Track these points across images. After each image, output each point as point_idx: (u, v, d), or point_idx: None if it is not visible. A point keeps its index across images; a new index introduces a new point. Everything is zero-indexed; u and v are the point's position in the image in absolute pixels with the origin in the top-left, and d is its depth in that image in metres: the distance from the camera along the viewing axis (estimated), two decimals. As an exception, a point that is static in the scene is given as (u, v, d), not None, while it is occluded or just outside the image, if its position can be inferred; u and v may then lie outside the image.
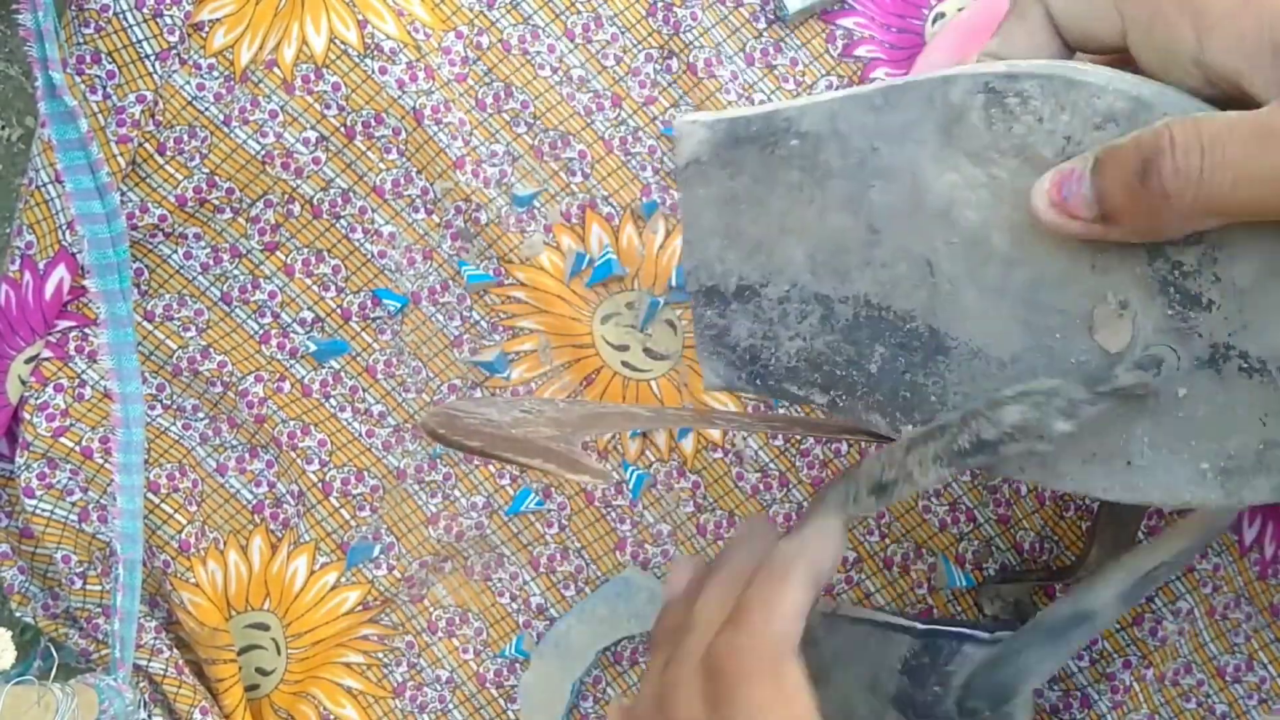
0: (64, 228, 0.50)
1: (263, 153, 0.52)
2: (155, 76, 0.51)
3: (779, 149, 0.33)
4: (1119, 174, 0.26)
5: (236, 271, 0.54)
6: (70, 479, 0.52)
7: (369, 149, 0.53)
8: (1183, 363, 0.29)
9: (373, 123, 0.52)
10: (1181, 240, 0.27)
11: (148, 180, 0.52)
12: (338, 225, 0.54)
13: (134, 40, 0.50)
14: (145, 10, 0.50)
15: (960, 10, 0.51)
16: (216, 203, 0.53)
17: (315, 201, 0.53)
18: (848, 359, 0.34)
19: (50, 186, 0.50)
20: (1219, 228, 0.26)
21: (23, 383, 0.52)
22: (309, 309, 0.55)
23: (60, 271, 0.51)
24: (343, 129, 0.52)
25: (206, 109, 0.51)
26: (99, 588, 0.53)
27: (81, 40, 0.50)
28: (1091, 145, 0.28)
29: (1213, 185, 0.24)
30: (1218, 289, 0.28)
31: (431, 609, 0.56)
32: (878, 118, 0.31)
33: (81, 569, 0.53)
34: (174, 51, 0.51)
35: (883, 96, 0.31)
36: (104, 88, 0.50)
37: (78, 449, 0.52)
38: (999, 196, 0.30)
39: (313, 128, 0.52)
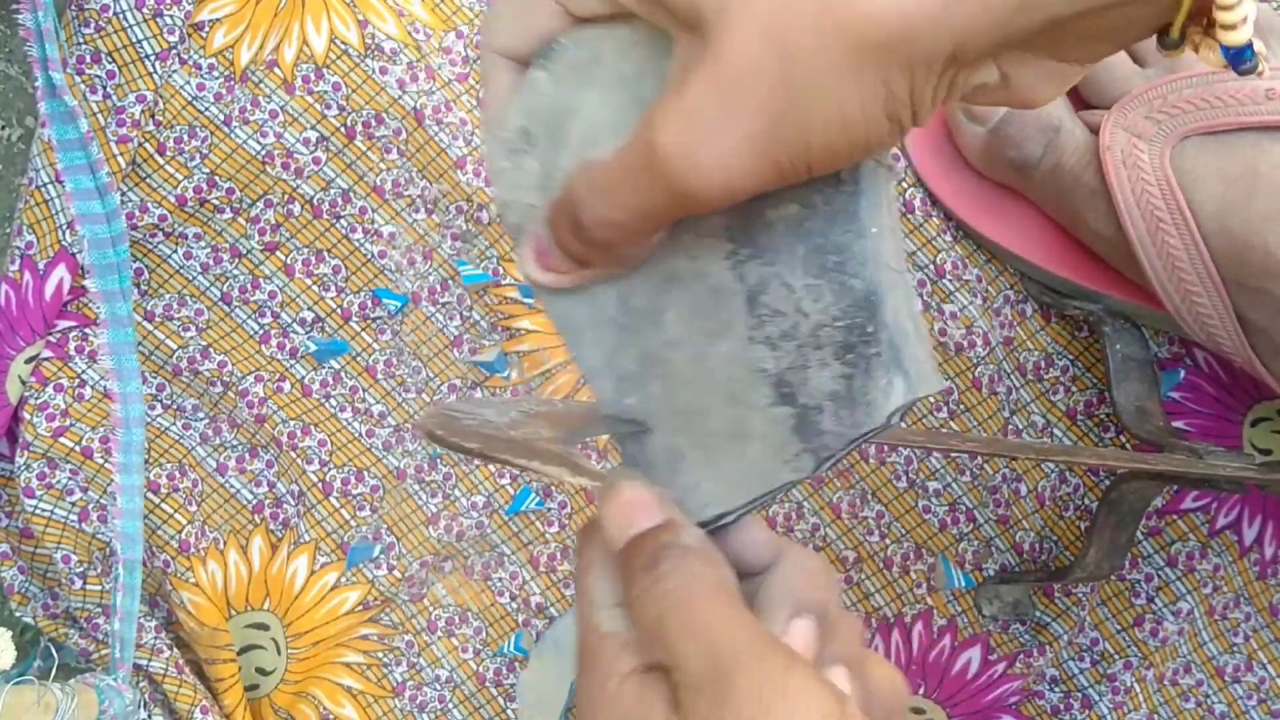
0: (64, 228, 0.50)
1: (263, 153, 0.52)
2: (155, 76, 0.51)
3: None
4: (564, 232, 0.26)
5: (236, 271, 0.54)
6: (70, 479, 0.52)
7: (369, 149, 0.53)
8: None
9: (373, 123, 0.52)
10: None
11: (148, 180, 0.52)
12: (338, 225, 0.54)
13: (134, 40, 0.50)
14: (145, 10, 0.50)
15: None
16: (216, 203, 0.53)
17: (315, 201, 0.53)
18: None
19: (50, 186, 0.50)
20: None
21: (23, 383, 0.52)
22: (309, 309, 0.55)
23: (60, 271, 0.51)
24: (343, 129, 0.52)
25: (206, 109, 0.51)
26: (99, 588, 0.53)
27: (81, 40, 0.50)
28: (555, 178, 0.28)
29: (624, 225, 0.25)
30: None
31: (431, 609, 0.56)
32: None
33: (81, 569, 0.53)
34: (174, 51, 0.51)
35: None
36: (104, 88, 0.50)
37: (78, 449, 0.52)
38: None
39: (313, 128, 0.52)
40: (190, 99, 0.51)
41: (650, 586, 0.26)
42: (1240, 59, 0.22)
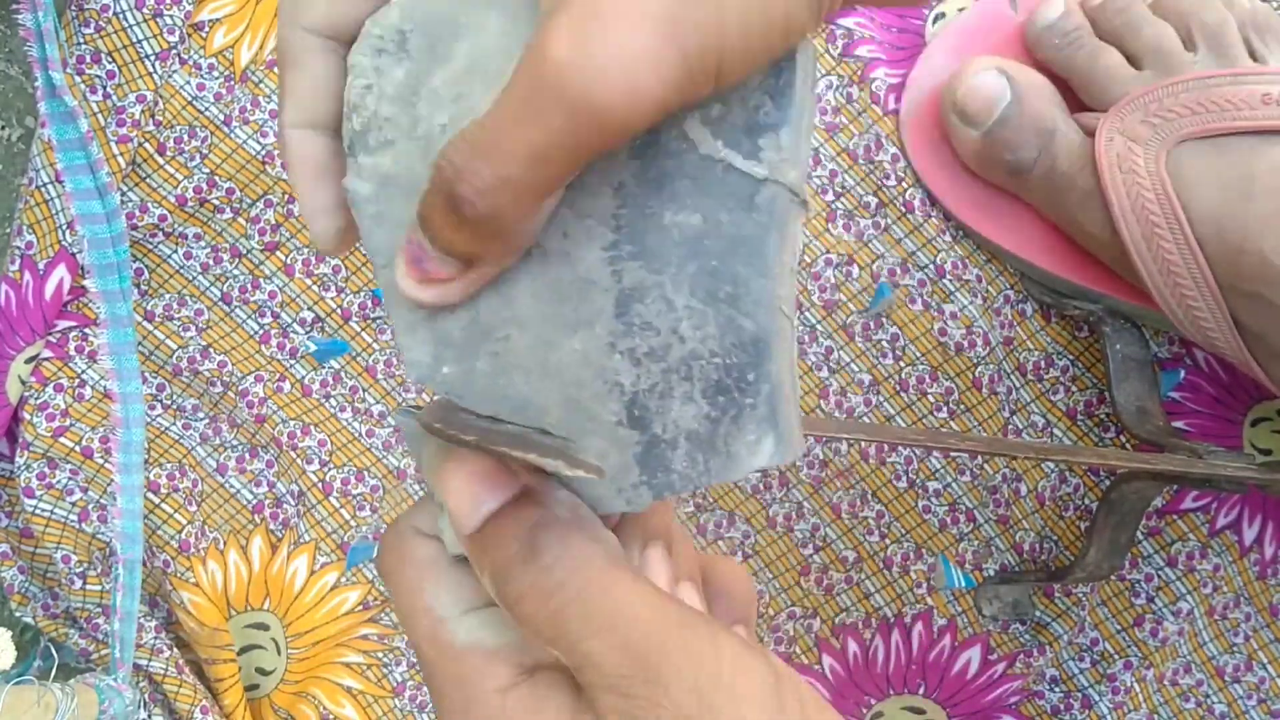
0: (64, 228, 0.50)
1: (263, 153, 0.52)
2: (155, 76, 0.51)
3: None
4: (442, 220, 0.22)
5: (236, 271, 0.54)
6: (70, 479, 0.52)
7: (369, 149, 0.53)
8: None
9: (373, 123, 0.52)
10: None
11: (148, 180, 0.52)
12: (338, 225, 0.54)
13: (134, 40, 0.50)
14: (145, 10, 0.50)
15: (961, 10, 0.51)
16: (216, 203, 0.53)
17: (315, 201, 0.53)
18: None
19: (50, 186, 0.50)
20: None
21: (23, 383, 0.52)
22: (309, 309, 0.55)
23: (60, 271, 0.51)
24: (343, 129, 0.52)
25: (206, 109, 0.51)
26: (99, 588, 0.53)
27: (81, 40, 0.50)
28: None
29: (515, 181, 0.21)
30: None
31: (431, 609, 0.56)
32: None
33: (81, 569, 0.53)
34: (174, 51, 0.51)
35: None
36: (104, 88, 0.50)
37: (78, 449, 0.52)
38: None
39: (313, 128, 0.52)
40: (190, 99, 0.51)
41: (537, 580, 0.23)
42: None
